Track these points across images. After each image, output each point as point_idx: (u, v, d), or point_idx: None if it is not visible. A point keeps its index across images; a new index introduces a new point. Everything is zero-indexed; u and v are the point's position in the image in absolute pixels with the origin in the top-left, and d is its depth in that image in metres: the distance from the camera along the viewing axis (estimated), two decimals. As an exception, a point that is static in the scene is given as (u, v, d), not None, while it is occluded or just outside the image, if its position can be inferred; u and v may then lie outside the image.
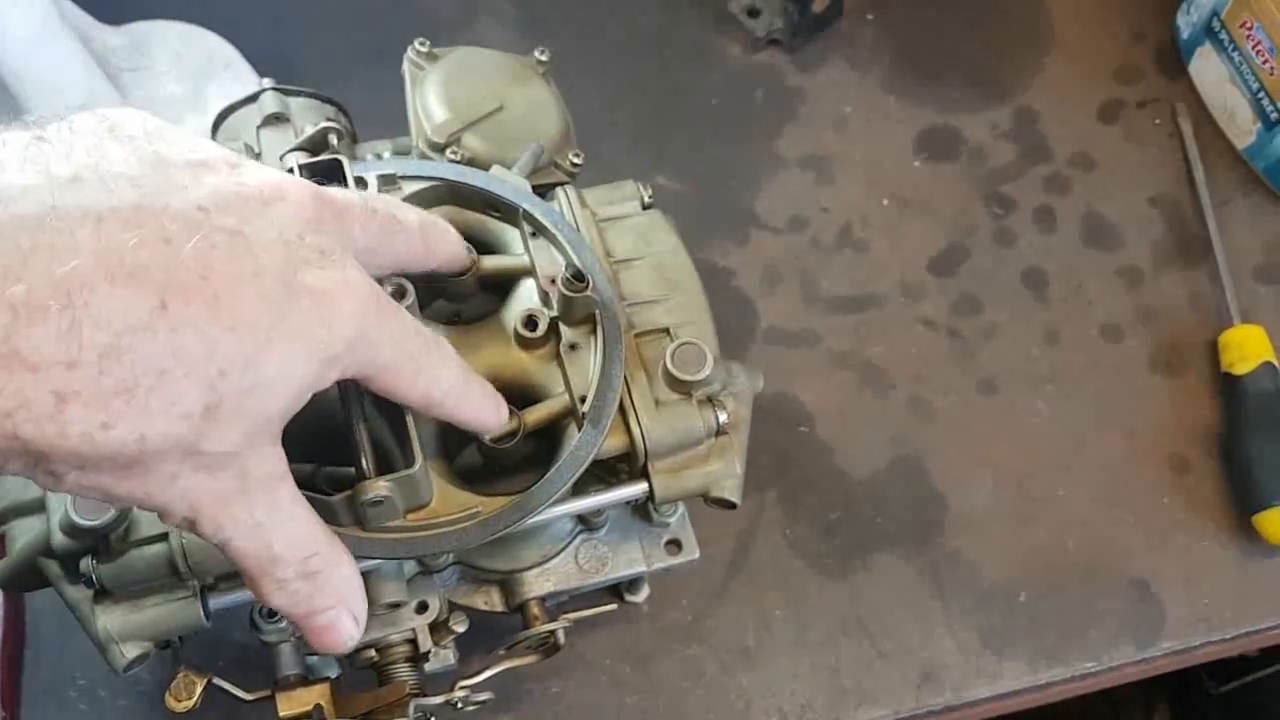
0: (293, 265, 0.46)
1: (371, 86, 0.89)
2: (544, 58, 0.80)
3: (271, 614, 0.69)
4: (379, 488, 0.57)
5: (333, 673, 0.74)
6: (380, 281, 0.59)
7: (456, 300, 0.71)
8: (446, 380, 0.56)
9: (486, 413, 0.61)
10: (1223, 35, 1.05)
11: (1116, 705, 1.60)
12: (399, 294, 0.61)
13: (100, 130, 0.46)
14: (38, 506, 0.63)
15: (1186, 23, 1.11)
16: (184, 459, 0.44)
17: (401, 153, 0.78)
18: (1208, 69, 1.09)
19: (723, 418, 0.67)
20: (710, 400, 0.67)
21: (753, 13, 1.12)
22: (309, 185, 0.51)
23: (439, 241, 0.62)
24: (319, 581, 0.53)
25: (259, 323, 0.44)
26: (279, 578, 0.52)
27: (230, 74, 1.02)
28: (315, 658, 0.72)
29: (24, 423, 0.40)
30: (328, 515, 0.59)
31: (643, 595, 0.85)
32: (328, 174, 0.62)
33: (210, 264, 0.43)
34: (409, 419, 0.59)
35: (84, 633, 0.64)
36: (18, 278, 0.39)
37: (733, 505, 0.68)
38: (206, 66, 1.02)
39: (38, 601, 0.86)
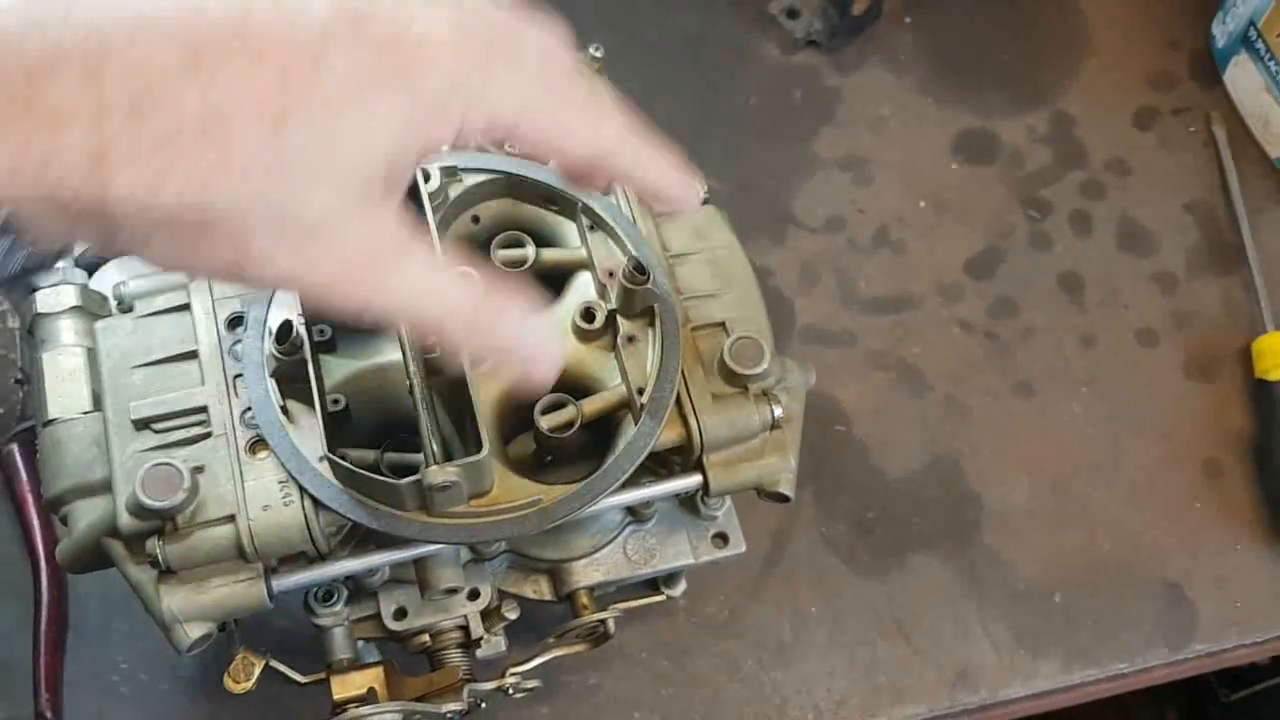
0: (360, 6, 0.42)
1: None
2: (599, 54, 0.80)
3: (326, 598, 0.69)
4: (448, 473, 0.57)
5: (373, 658, 0.74)
6: None
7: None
8: (612, 128, 0.52)
9: (669, 173, 0.55)
10: (1259, 44, 1.06)
11: (1128, 711, 1.60)
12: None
13: None
14: (102, 487, 0.63)
15: (1222, 31, 1.11)
16: (280, 228, 0.42)
17: (458, 146, 0.78)
18: (1243, 77, 1.09)
19: (778, 412, 0.68)
20: (765, 394, 0.68)
21: (792, 14, 1.13)
22: None
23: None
24: (496, 326, 0.50)
25: (321, 56, 0.40)
26: (451, 332, 0.49)
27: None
28: (364, 642, 0.73)
29: (62, 185, 0.38)
30: (394, 499, 0.60)
31: (680, 589, 0.85)
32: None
33: (250, 6, 0.40)
34: (475, 406, 0.59)
35: (137, 615, 0.65)
36: (36, 28, 0.37)
37: (786, 498, 0.69)
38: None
39: (81, 586, 0.86)
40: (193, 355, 0.66)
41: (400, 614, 0.71)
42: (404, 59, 0.42)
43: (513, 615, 0.71)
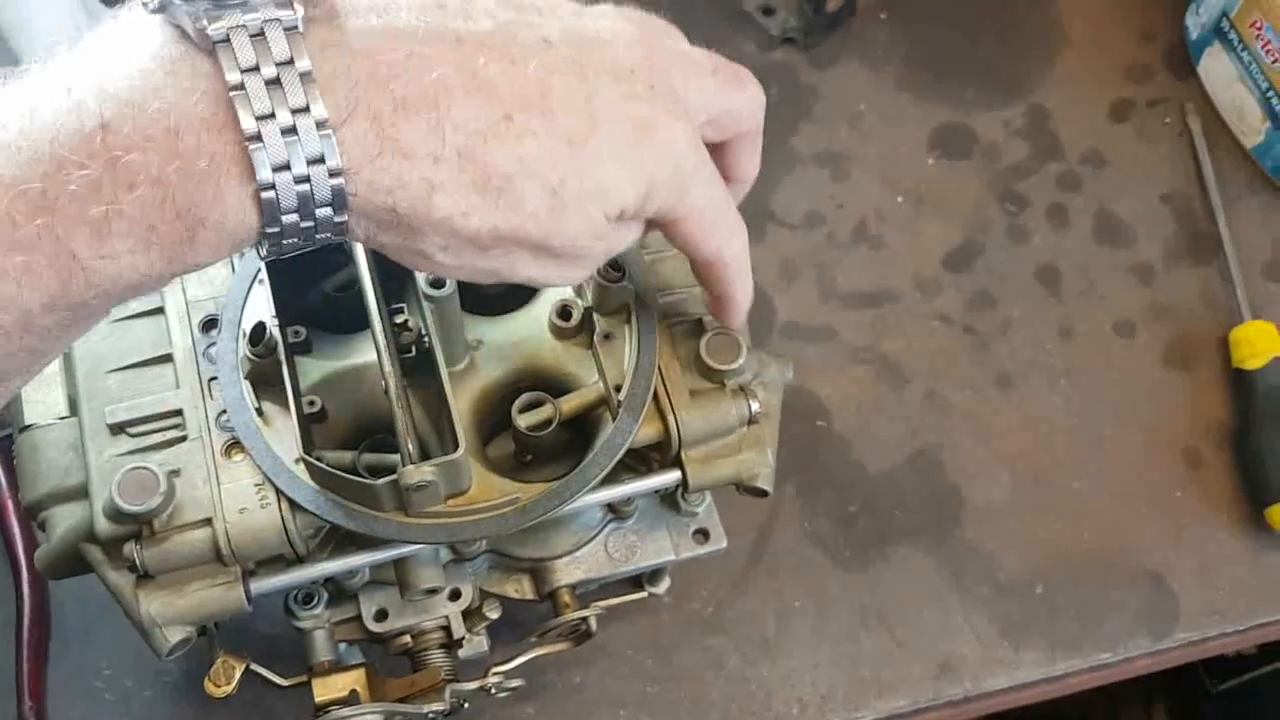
0: (622, 96, 0.51)
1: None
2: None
3: (306, 601, 0.69)
4: (424, 472, 0.57)
5: (354, 660, 0.74)
6: None
7: (490, 290, 0.71)
8: (738, 244, 0.62)
9: (749, 294, 0.65)
10: (1232, 35, 1.07)
11: (1116, 703, 1.61)
12: (438, 285, 0.62)
13: None
14: (79, 493, 0.63)
15: (1196, 23, 1.12)
16: (535, 252, 0.52)
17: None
18: (1217, 69, 1.10)
19: (755, 407, 0.68)
20: (742, 390, 0.68)
21: (768, 11, 1.13)
22: (646, 33, 0.55)
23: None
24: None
25: (591, 140, 0.50)
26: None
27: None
28: (345, 645, 0.73)
29: (401, 201, 0.47)
30: (371, 500, 0.60)
31: (664, 586, 0.85)
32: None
33: (549, 84, 0.50)
34: (452, 404, 0.60)
35: (120, 620, 0.64)
36: (396, 76, 0.47)
37: (765, 493, 0.69)
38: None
39: (62, 593, 0.86)
40: (167, 359, 0.66)
41: (381, 615, 0.71)
42: (649, 139, 0.52)
43: (494, 615, 0.71)
